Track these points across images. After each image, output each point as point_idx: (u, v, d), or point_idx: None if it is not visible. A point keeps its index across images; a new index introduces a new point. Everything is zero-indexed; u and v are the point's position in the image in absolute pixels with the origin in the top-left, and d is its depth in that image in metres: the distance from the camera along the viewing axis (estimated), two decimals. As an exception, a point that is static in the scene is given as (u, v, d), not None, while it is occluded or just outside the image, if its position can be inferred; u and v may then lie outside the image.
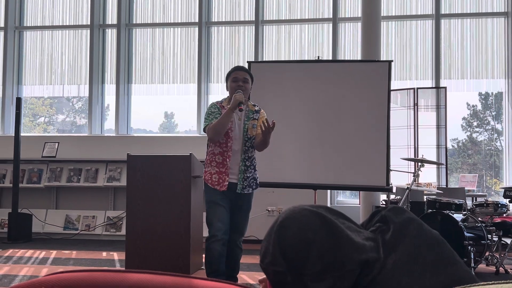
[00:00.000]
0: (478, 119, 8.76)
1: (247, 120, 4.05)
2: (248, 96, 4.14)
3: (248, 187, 4.03)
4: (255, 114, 4.10)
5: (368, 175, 5.51)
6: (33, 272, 5.26)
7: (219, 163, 3.98)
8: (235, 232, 4.05)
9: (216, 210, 3.91)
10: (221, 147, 3.98)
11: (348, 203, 8.14)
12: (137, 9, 8.84)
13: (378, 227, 1.25)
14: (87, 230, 7.81)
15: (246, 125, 4.03)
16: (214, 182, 3.97)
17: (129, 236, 4.86)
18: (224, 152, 3.97)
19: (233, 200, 4.01)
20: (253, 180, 4.07)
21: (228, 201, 3.98)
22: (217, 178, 3.97)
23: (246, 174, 4.02)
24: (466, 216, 5.37)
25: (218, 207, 3.92)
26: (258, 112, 4.13)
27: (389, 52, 8.09)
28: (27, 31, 9.09)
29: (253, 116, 4.08)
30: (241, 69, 4.15)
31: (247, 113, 4.08)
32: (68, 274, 1.16)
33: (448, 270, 1.19)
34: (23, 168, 8.00)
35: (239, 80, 4.04)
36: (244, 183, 4.01)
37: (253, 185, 4.08)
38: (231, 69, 4.16)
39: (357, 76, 5.65)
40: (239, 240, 4.09)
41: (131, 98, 8.80)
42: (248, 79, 4.09)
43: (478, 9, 7.98)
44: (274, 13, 8.49)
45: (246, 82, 4.07)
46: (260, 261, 1.24)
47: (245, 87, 4.04)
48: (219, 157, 3.99)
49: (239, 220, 4.06)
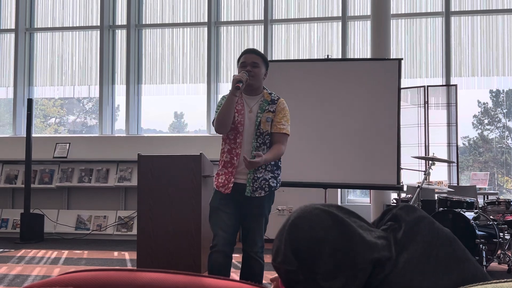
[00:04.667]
0: (489, 116, 8.71)
1: (261, 112, 3.46)
2: (260, 83, 3.53)
3: (259, 189, 3.43)
4: (271, 105, 3.50)
5: (379, 173, 5.49)
6: (45, 272, 5.30)
7: (227, 162, 3.47)
8: (245, 242, 3.50)
9: (217, 217, 3.43)
10: (230, 144, 3.48)
11: (358, 201, 8.12)
12: (146, 9, 8.87)
13: (390, 225, 1.25)
14: (98, 230, 7.85)
15: (259, 117, 3.45)
16: (219, 183, 3.47)
17: (140, 236, 4.88)
18: (233, 150, 3.46)
19: (243, 204, 3.46)
20: (264, 181, 3.44)
21: (233, 206, 3.44)
22: (223, 179, 3.46)
23: (257, 175, 3.42)
24: (478, 214, 5.35)
25: (220, 213, 3.42)
26: (275, 102, 3.52)
27: (399, 50, 8.06)
28: (38, 33, 9.14)
29: (268, 107, 3.48)
30: (250, 51, 3.55)
31: (261, 104, 3.49)
32: (81, 274, 1.17)
33: (460, 268, 1.18)
34: (35, 169, 8.06)
35: (247, 65, 3.46)
36: (254, 185, 3.42)
37: (265, 187, 3.45)
38: (241, 53, 3.59)
39: (367, 75, 5.64)
40: (253, 250, 3.47)
41: (141, 98, 8.84)
42: (258, 63, 3.48)
43: (488, 6, 7.93)
44: (283, 12, 8.48)
45: (256, 67, 3.47)
46: (272, 260, 1.24)
47: (254, 72, 3.44)
48: (227, 155, 3.48)
49: (250, 227, 3.47)
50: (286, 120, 3.54)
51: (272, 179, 3.49)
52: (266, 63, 3.54)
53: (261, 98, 3.52)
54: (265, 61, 3.53)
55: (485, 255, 4.95)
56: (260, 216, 3.48)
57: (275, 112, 3.49)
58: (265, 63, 3.53)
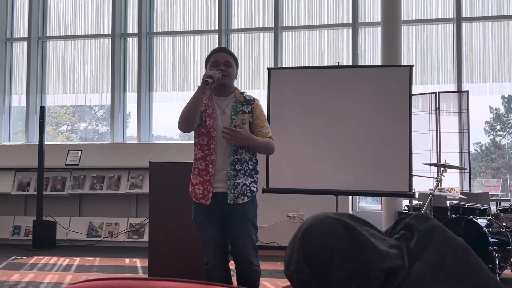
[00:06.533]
0: (501, 122, 8.66)
1: (235, 114, 3.29)
2: (233, 82, 3.39)
3: (241, 195, 3.24)
4: (246, 106, 3.33)
5: (390, 180, 5.47)
6: (58, 279, 5.32)
7: (202, 170, 3.27)
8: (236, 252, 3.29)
9: (203, 233, 3.28)
10: (203, 150, 3.29)
11: (370, 209, 8.09)
12: (157, 17, 8.93)
13: (403, 234, 1.25)
14: (110, 237, 7.88)
15: (234, 120, 3.28)
16: (198, 195, 3.26)
17: (152, 243, 4.89)
18: (207, 156, 3.27)
19: (226, 213, 3.25)
20: (245, 187, 3.26)
21: (217, 218, 3.26)
22: (201, 189, 3.26)
23: (237, 181, 3.23)
24: (491, 222, 5.30)
25: (205, 229, 3.27)
26: (250, 103, 3.35)
27: (409, 57, 8.04)
28: (50, 41, 9.23)
29: (243, 108, 3.32)
30: (222, 50, 3.44)
31: (234, 105, 3.31)
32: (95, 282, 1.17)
33: (473, 278, 1.18)
34: (47, 176, 8.11)
35: (220, 64, 3.30)
36: (235, 191, 3.22)
37: (247, 193, 3.26)
38: (210, 52, 3.43)
39: (378, 81, 5.62)
40: (246, 260, 3.26)
41: (152, 105, 8.88)
42: (231, 62, 3.34)
43: (499, 12, 7.90)
44: (294, 19, 8.50)
45: (229, 66, 3.32)
46: (285, 268, 1.24)
47: (227, 71, 3.29)
48: (201, 162, 3.28)
49: (237, 235, 3.26)
50: (267, 122, 3.42)
51: (252, 184, 3.31)
52: (237, 62, 3.43)
53: (233, 99, 3.35)
54: (236, 60, 3.41)
55: (498, 263, 4.91)
56: (246, 223, 3.26)
57: (253, 114, 3.34)
58: (236, 62, 3.41)
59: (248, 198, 3.27)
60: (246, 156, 3.30)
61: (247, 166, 3.30)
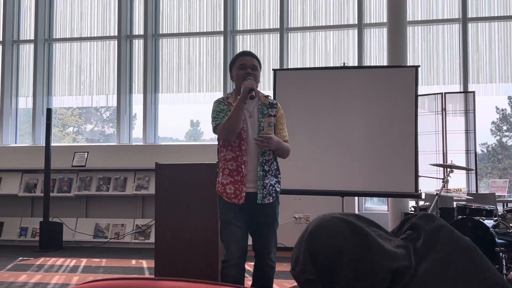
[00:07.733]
0: (508, 123, 8.62)
1: (262, 116, 3.42)
2: (257, 86, 3.46)
3: (268, 195, 3.40)
4: (271, 109, 3.47)
5: (397, 181, 5.46)
6: (64, 280, 5.34)
7: (233, 171, 3.37)
8: (261, 250, 3.44)
9: (229, 231, 3.35)
10: (234, 151, 3.38)
11: (376, 209, 8.07)
12: (163, 19, 8.95)
13: (409, 234, 1.25)
14: (116, 238, 7.89)
15: (261, 122, 3.41)
16: (230, 194, 3.36)
17: (158, 244, 4.90)
18: (238, 157, 3.36)
19: (254, 213, 3.40)
20: (271, 187, 3.42)
21: (245, 217, 3.38)
22: (233, 189, 3.36)
23: (265, 181, 3.38)
24: (497, 222, 5.28)
25: (233, 228, 3.34)
26: (274, 106, 3.50)
27: (415, 57, 8.02)
28: (56, 43, 9.26)
29: (269, 111, 3.45)
30: (248, 54, 3.50)
31: (260, 108, 3.44)
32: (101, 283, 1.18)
33: (480, 277, 1.17)
34: (54, 178, 8.14)
35: (247, 67, 3.41)
36: (264, 192, 3.37)
37: (272, 193, 3.43)
38: (235, 55, 3.53)
39: (384, 82, 5.62)
40: (269, 257, 3.44)
41: (158, 107, 8.89)
42: (257, 66, 3.46)
43: (506, 12, 7.87)
44: (299, 20, 8.50)
45: (256, 69, 3.44)
46: (291, 269, 1.24)
47: (254, 75, 3.40)
48: (232, 163, 3.37)
49: (264, 235, 3.43)
50: (286, 126, 3.58)
51: (277, 184, 3.49)
52: (261, 66, 3.55)
53: (258, 102, 3.46)
54: (261, 64, 3.54)
55: (505, 264, 4.88)
56: (273, 223, 3.46)
57: (277, 117, 3.50)
58: (260, 66, 3.54)
59: (273, 198, 3.44)
60: (272, 157, 3.46)
61: (273, 167, 3.47)
